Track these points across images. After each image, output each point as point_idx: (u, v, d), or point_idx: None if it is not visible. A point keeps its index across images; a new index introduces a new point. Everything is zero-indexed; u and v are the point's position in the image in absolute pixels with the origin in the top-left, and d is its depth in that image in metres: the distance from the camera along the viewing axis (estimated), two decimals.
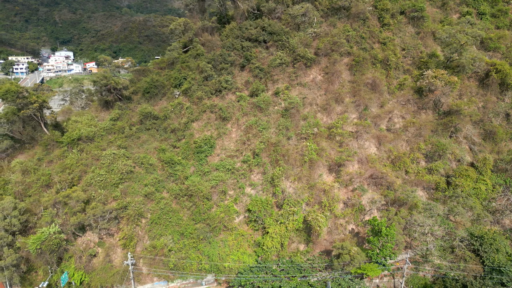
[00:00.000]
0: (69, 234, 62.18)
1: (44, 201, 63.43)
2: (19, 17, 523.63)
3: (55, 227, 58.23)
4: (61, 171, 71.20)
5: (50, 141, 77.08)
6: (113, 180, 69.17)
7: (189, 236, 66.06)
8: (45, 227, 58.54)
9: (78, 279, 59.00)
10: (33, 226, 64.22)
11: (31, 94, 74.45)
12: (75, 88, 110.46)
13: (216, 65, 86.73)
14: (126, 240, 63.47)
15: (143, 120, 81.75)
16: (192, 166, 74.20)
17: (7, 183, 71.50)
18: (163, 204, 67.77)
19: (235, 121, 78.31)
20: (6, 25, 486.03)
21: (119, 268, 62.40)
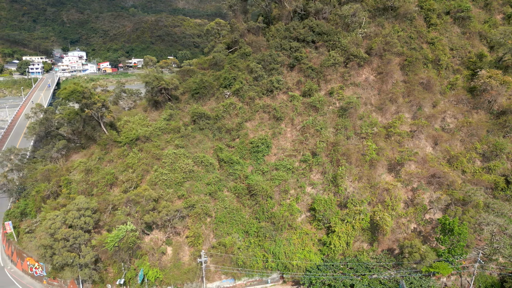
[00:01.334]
0: (139, 232, 63.01)
1: (116, 199, 64.35)
2: (27, 17, 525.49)
3: (131, 225, 59.11)
4: (123, 170, 72.19)
5: (109, 141, 78.04)
6: (177, 179, 70.04)
7: (253, 235, 66.86)
8: (122, 225, 59.37)
9: (153, 276, 59.85)
10: (103, 225, 65.19)
11: (93, 94, 75.24)
12: (117, 89, 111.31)
13: (265, 66, 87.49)
14: (194, 238, 64.28)
15: (196, 120, 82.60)
16: (250, 166, 74.98)
17: (70, 182, 72.60)
18: (227, 203, 68.60)
19: (289, 121, 79.01)
20: (14, 25, 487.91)
21: (188, 266, 63.28)
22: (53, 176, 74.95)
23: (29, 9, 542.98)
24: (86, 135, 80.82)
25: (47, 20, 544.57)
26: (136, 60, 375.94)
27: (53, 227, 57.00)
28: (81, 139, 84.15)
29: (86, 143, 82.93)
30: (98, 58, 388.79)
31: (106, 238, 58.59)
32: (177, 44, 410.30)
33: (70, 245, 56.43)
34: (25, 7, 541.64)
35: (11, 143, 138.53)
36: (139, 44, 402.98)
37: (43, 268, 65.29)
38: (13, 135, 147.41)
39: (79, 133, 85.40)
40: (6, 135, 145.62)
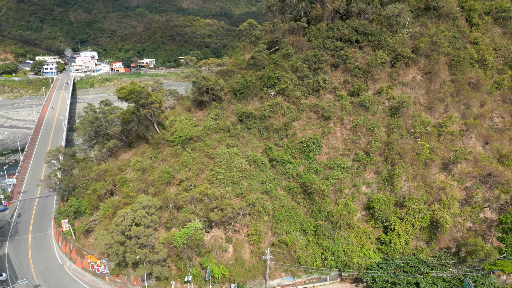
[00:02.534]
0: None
1: (179, 197, 65.12)
2: (34, 17, 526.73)
3: (198, 223, 59.92)
4: (179, 169, 73.00)
5: (161, 140, 78.87)
6: (234, 178, 70.83)
7: (311, 233, 67.60)
8: (189, 223, 60.17)
9: (220, 273, 60.66)
10: (165, 222, 66.03)
11: (150, 95, 76.01)
12: None
13: (310, 65, 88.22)
14: (256, 236, 65.05)
15: (243, 120, 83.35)
16: (301, 165, 75.69)
17: (126, 181, 73.49)
18: (284, 201, 69.36)
19: (338, 120, 79.65)
20: (21, 25, 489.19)
21: (250, 263, 64.04)
22: (107, 175, 75.83)
23: (36, 9, 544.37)
24: (137, 134, 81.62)
25: (55, 20, 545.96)
26: (148, 60, 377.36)
27: (124, 224, 57.87)
28: (130, 139, 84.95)
29: (136, 143, 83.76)
30: (110, 58, 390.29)
31: (174, 236, 59.43)
32: (188, 44, 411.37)
33: (142, 242, 57.26)
34: (32, 7, 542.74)
35: (42, 141, 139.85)
36: (150, 44, 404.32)
37: (105, 266, 66.22)
38: (43, 134, 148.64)
39: (127, 133, 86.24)
40: (36, 134, 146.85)
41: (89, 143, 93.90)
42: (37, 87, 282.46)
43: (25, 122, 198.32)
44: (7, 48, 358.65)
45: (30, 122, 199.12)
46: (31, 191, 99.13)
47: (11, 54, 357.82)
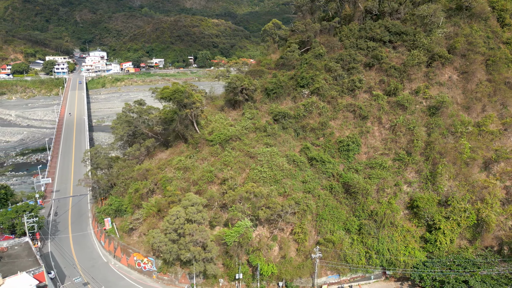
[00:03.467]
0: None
1: (227, 196, 65.75)
2: (39, 17, 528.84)
3: (248, 222, 60.55)
4: (221, 168, 73.62)
5: (201, 140, 79.53)
6: (276, 177, 71.42)
7: (355, 232, 68.17)
8: (240, 221, 60.82)
9: (269, 271, 61.24)
10: (211, 220, 66.62)
11: (193, 94, 76.60)
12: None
13: (343, 65, 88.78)
14: (303, 235, 65.62)
15: (279, 119, 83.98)
16: (340, 164, 76.24)
17: (168, 180, 74.14)
18: (328, 200, 69.93)
19: (376, 119, 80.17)
20: (27, 25, 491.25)
21: (295, 261, 64.62)
22: (149, 174, 76.51)
23: (41, 9, 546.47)
24: (176, 134, 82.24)
25: (60, 20, 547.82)
26: (157, 60, 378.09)
27: (177, 222, 58.54)
28: (168, 138, 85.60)
29: (173, 142, 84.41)
30: (119, 58, 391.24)
31: (226, 234, 60.08)
32: (196, 44, 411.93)
33: (194, 240, 57.92)
34: (38, 7, 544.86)
35: (65, 140, 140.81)
36: (159, 44, 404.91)
37: (152, 264, 66.86)
38: (65, 133, 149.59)
39: (163, 132, 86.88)
40: (58, 133, 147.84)
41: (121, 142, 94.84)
42: (49, 87, 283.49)
43: (42, 122, 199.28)
44: (16, 48, 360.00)
45: (47, 121, 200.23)
46: (63, 190, 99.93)
47: (21, 54, 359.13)
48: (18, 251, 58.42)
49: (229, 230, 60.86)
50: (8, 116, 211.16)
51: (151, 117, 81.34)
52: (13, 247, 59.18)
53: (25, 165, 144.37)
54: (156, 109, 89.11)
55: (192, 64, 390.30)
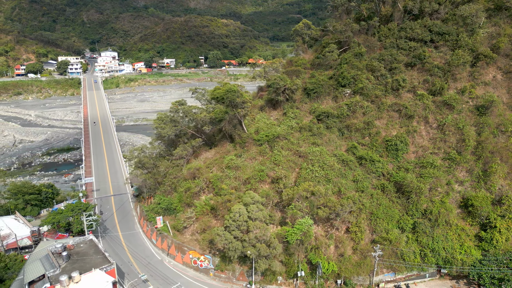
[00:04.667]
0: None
1: (284, 194, 66.39)
2: (46, 17, 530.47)
3: (310, 220, 61.18)
4: (272, 168, 74.29)
5: (248, 139, 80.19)
6: (328, 176, 72.02)
7: (409, 230, 68.69)
8: (301, 219, 61.46)
9: (330, 269, 61.87)
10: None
11: (243, 94, 77.30)
12: None
13: (385, 65, 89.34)
14: (358, 233, 66.21)
15: (322, 119, 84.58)
16: (389, 163, 76.78)
17: (219, 178, 74.85)
18: (381, 199, 70.49)
19: (422, 119, 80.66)
20: (34, 25, 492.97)
21: (352, 259, 65.21)
22: (199, 173, 77.22)
23: (48, 9, 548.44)
24: (223, 133, 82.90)
25: (67, 20, 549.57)
26: (168, 60, 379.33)
27: (240, 220, 59.23)
28: (213, 138, 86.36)
29: (219, 141, 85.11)
30: (130, 58, 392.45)
31: (288, 232, 60.71)
32: (206, 44, 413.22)
33: (259, 237, 58.56)
34: (45, 7, 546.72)
35: (94, 140, 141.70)
36: (169, 44, 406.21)
37: (209, 261, 67.56)
38: (92, 133, 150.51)
39: (206, 132, 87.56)
40: (86, 133, 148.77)
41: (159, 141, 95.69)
42: (64, 87, 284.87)
43: (63, 122, 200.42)
44: (28, 48, 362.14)
45: (67, 121, 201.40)
46: (102, 189, 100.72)
47: (33, 54, 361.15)
48: (84, 248, 59.15)
49: (289, 228, 61.48)
50: (27, 116, 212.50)
51: (200, 116, 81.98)
52: (78, 244, 59.91)
53: (53, 164, 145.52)
54: (200, 109, 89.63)
55: (203, 64, 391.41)
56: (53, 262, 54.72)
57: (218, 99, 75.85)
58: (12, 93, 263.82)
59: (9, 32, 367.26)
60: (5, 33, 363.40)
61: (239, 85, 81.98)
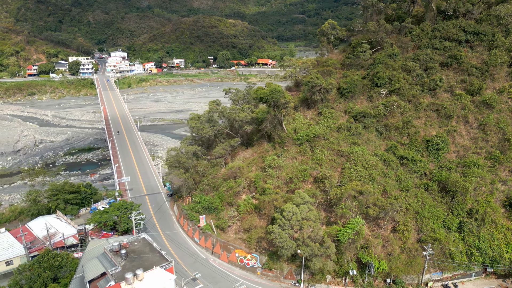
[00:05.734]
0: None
1: (333, 194, 66.84)
2: (52, 17, 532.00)
3: (361, 220, 61.57)
4: (314, 167, 74.72)
5: (288, 139, 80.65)
6: (373, 176, 72.38)
7: (454, 229, 68.96)
8: (352, 218, 61.92)
9: (381, 268, 62.26)
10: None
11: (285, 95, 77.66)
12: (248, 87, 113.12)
13: (420, 65, 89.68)
14: (406, 233, 66.50)
15: (359, 119, 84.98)
16: (430, 163, 77.10)
17: (261, 177, 75.28)
18: (425, 198, 70.81)
19: (461, 118, 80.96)
20: (40, 25, 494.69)
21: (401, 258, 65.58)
22: (240, 173, 77.68)
23: (54, 10, 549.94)
24: (262, 133, 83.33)
25: (73, 20, 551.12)
26: (178, 60, 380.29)
27: (293, 219, 59.68)
28: (247, 137, 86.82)
29: (257, 141, 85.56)
30: (140, 58, 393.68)
31: (339, 231, 61.15)
32: (215, 44, 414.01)
33: (313, 236, 59.00)
34: (50, 8, 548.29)
35: (119, 140, 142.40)
36: (178, 44, 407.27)
37: (256, 260, 68.01)
38: (115, 133, 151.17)
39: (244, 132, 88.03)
40: (109, 133, 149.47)
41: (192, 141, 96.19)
42: (77, 88, 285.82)
43: (81, 122, 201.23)
44: (39, 49, 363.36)
45: (85, 122, 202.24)
46: (135, 189, 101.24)
47: (43, 55, 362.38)
48: (139, 247, 59.64)
49: (340, 227, 61.92)
50: (44, 116, 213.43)
51: (240, 116, 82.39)
52: (133, 243, 60.37)
53: (76, 164, 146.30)
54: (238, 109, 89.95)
55: (212, 64, 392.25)
56: (111, 260, 55.23)
57: (263, 99, 76.25)
58: (26, 93, 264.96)
59: (19, 33, 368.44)
60: (15, 33, 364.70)
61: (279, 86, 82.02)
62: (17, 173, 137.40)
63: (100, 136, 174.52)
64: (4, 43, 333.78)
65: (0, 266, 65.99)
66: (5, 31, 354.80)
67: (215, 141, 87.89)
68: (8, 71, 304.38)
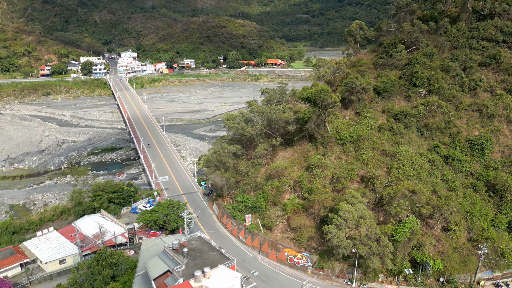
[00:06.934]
0: None
1: (385, 193, 67.18)
2: (58, 18, 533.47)
3: (415, 219, 61.94)
4: (360, 167, 75.07)
5: (331, 139, 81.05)
6: (420, 175, 72.64)
7: (503, 229, 69.22)
8: (408, 217, 62.29)
9: (436, 267, 62.57)
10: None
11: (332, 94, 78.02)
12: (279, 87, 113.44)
13: (459, 65, 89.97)
14: (458, 232, 66.78)
15: (400, 118, 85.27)
16: (475, 162, 77.36)
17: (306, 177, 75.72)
18: (474, 198, 71.10)
19: (504, 118, 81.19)
20: (47, 26, 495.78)
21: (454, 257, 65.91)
22: (284, 172, 78.09)
23: (60, 10, 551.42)
24: (303, 133, 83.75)
25: (79, 20, 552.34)
26: (188, 60, 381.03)
27: (350, 218, 60.07)
28: (290, 137, 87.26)
29: (297, 141, 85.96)
30: (150, 58, 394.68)
31: (395, 230, 61.49)
32: (224, 44, 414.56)
33: (370, 235, 59.37)
34: (57, 8, 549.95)
35: (144, 140, 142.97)
36: (188, 44, 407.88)
37: (307, 259, 68.41)
38: (140, 133, 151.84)
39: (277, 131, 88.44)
40: (134, 133, 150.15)
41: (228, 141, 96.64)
42: (91, 88, 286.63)
43: (99, 122, 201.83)
44: (50, 49, 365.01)
45: (104, 122, 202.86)
46: (171, 188, 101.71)
47: (54, 55, 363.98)
48: (197, 245, 60.06)
49: (395, 226, 62.31)
50: (62, 116, 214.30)
51: (285, 116, 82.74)
52: (190, 241, 60.87)
53: (101, 164, 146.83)
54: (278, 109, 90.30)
55: (222, 64, 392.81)
56: (173, 258, 55.71)
57: (310, 98, 76.65)
58: (41, 93, 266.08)
59: (30, 33, 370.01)
60: (26, 33, 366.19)
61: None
62: (44, 173, 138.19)
63: (122, 136, 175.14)
64: (15, 43, 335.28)
65: (55, 264, 66.64)
66: (16, 31, 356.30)
67: (253, 141, 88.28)
68: (21, 71, 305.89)
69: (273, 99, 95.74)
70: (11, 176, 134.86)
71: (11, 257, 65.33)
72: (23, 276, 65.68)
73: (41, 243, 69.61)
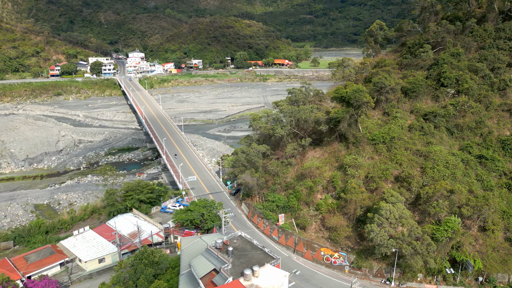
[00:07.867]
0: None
1: (423, 192, 67.35)
2: (63, 18, 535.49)
3: (458, 219, 62.17)
4: (394, 167, 75.28)
5: (363, 139, 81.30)
6: (456, 175, 72.79)
7: None
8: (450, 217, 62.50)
9: (476, 266, 62.76)
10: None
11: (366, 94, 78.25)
12: (303, 87, 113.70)
13: (488, 65, 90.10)
14: (496, 232, 66.93)
15: (429, 118, 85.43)
16: (508, 162, 77.47)
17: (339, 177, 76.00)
18: (510, 198, 71.26)
19: None
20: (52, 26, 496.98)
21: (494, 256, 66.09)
22: (316, 172, 78.37)
23: (65, 10, 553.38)
24: (335, 133, 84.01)
25: (84, 21, 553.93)
26: (196, 61, 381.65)
27: (391, 217, 60.35)
28: (320, 137, 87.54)
29: (328, 141, 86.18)
30: (158, 59, 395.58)
31: (436, 229, 61.73)
32: (231, 45, 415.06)
33: (411, 235, 59.61)
34: (62, 8, 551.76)
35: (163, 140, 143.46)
36: (195, 45, 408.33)
37: (344, 258, 68.66)
38: (159, 133, 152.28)
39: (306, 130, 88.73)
40: (153, 133, 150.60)
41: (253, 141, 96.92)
42: (101, 88, 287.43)
43: (113, 122, 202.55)
44: (58, 49, 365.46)
45: (117, 122, 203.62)
46: (197, 188, 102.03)
47: (63, 55, 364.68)
48: (240, 244, 60.35)
49: (435, 225, 62.58)
50: (76, 116, 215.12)
51: (317, 116, 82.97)
52: (231, 240, 61.20)
53: (119, 164, 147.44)
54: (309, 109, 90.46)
55: (229, 65, 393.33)
56: (219, 257, 56.02)
57: (344, 98, 76.92)
58: (52, 93, 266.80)
59: (39, 33, 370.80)
60: (35, 33, 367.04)
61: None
62: (63, 173, 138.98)
63: (137, 136, 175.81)
64: (24, 44, 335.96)
65: (94, 263, 67.06)
66: (25, 32, 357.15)
67: (281, 141, 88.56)
68: (31, 71, 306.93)
69: (300, 99, 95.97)
70: (32, 176, 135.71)
71: (51, 256, 65.77)
72: (63, 275, 66.15)
73: (79, 242, 70.06)
